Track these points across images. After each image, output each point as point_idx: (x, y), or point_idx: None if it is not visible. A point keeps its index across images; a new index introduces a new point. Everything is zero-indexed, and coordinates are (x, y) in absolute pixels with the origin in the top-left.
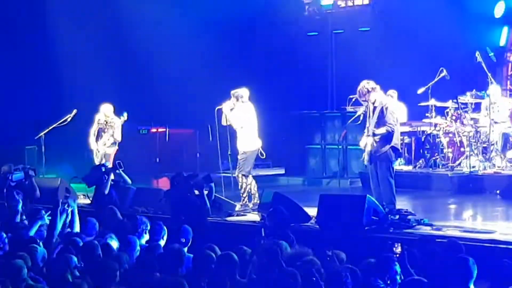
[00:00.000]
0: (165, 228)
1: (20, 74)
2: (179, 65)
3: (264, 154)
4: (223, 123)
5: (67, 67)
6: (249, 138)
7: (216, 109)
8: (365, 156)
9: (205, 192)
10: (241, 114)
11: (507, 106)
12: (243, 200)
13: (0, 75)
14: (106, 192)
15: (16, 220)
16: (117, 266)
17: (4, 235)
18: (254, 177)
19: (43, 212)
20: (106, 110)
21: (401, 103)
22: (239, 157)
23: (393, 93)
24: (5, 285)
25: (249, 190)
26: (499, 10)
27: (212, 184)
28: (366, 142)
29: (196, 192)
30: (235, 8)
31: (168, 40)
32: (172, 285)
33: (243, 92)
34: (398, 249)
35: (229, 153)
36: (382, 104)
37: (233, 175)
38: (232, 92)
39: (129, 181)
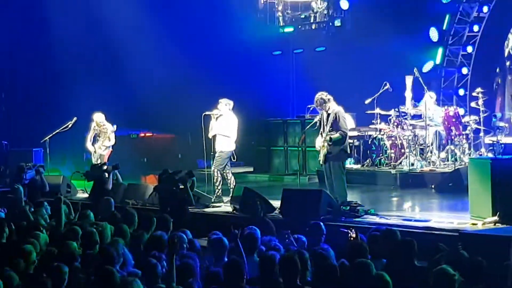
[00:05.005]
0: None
1: (27, 89)
2: (162, 80)
3: (236, 158)
4: (209, 136)
5: (66, 81)
6: (232, 141)
7: (203, 115)
8: (321, 157)
9: (189, 185)
10: (229, 121)
11: (440, 114)
12: (218, 192)
13: (13, 92)
14: (110, 187)
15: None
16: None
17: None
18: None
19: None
20: (97, 118)
21: (347, 114)
22: (220, 155)
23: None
24: None
25: (228, 185)
26: (434, 35)
27: (194, 178)
28: (321, 145)
29: (181, 186)
30: (213, 31)
31: (153, 55)
32: None
33: (230, 101)
34: (353, 234)
35: (211, 153)
36: (335, 112)
37: (212, 171)
38: (221, 100)
39: (121, 180)
